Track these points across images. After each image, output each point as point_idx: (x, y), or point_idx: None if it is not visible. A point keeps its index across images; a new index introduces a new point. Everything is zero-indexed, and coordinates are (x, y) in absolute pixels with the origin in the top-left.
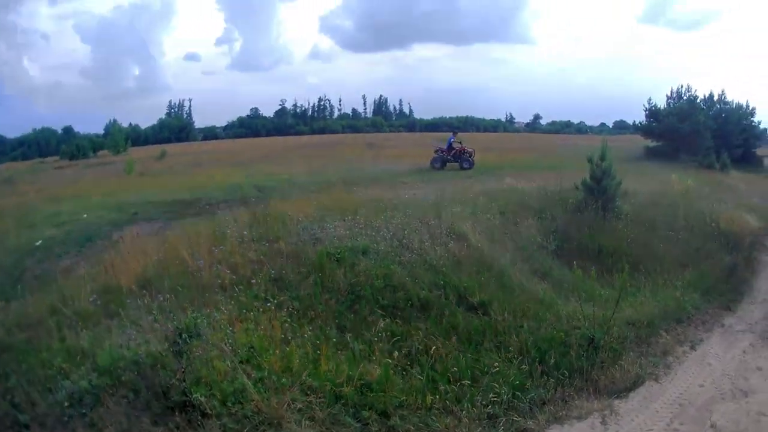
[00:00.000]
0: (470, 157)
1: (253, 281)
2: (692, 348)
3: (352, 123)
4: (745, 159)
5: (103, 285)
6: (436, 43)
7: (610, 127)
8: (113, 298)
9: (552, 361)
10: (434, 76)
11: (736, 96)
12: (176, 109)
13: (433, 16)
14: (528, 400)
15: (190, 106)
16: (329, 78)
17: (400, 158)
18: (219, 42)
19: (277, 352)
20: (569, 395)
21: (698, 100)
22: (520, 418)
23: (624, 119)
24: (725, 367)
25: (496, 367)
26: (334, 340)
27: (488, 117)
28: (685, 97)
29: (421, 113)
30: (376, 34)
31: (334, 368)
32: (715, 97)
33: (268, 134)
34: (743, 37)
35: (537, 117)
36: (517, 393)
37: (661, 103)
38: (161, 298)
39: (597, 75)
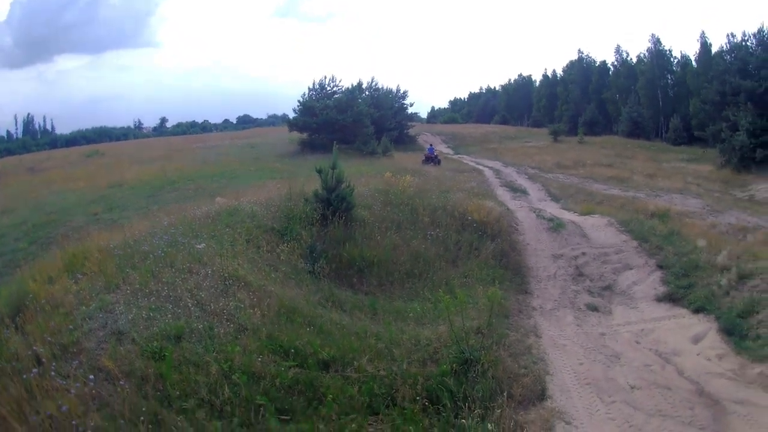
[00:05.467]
0: (437, 158)
1: None
2: (538, 336)
3: (7, 146)
4: (401, 140)
5: None
6: (74, 54)
7: (234, 123)
8: None
9: (449, 394)
10: (72, 89)
11: (386, 81)
12: None
13: (74, 26)
14: None
15: None
16: None
17: (69, 182)
18: None
19: None
20: (509, 417)
21: (352, 89)
22: None
23: (248, 113)
24: (579, 342)
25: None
26: None
27: (119, 125)
28: (330, 88)
29: (62, 128)
30: (27, 48)
31: None
32: (364, 85)
33: None
34: (375, 25)
35: (164, 120)
36: None
37: (297, 95)
38: None
39: (221, 72)
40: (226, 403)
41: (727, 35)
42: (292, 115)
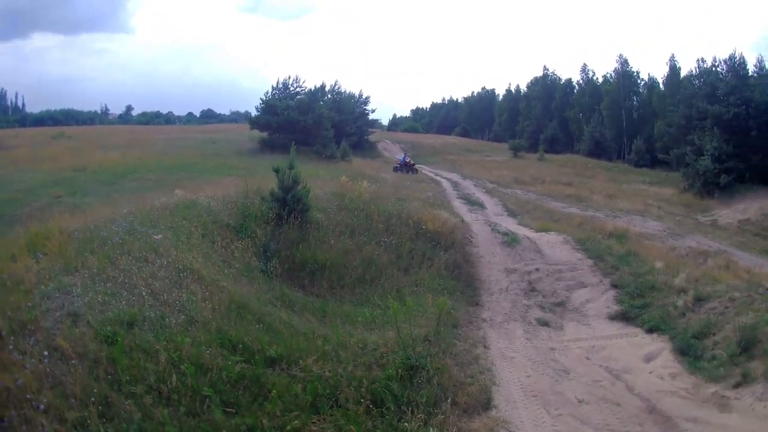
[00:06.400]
0: (414, 166)
1: None
2: (486, 347)
3: None
4: (360, 146)
5: None
6: (51, 33)
7: (197, 116)
8: None
9: (393, 398)
10: (46, 67)
11: (349, 85)
12: None
13: (54, 3)
14: None
15: None
16: None
17: (36, 162)
18: None
19: None
20: (452, 423)
21: (314, 92)
22: None
23: (212, 108)
24: (527, 355)
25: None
26: None
27: (86, 109)
28: (293, 88)
29: (32, 106)
30: (6, 21)
31: None
32: (327, 87)
33: None
34: (342, 27)
35: (129, 108)
36: None
37: (260, 93)
38: None
39: (188, 65)
40: (173, 391)
41: (697, 60)
42: (254, 113)
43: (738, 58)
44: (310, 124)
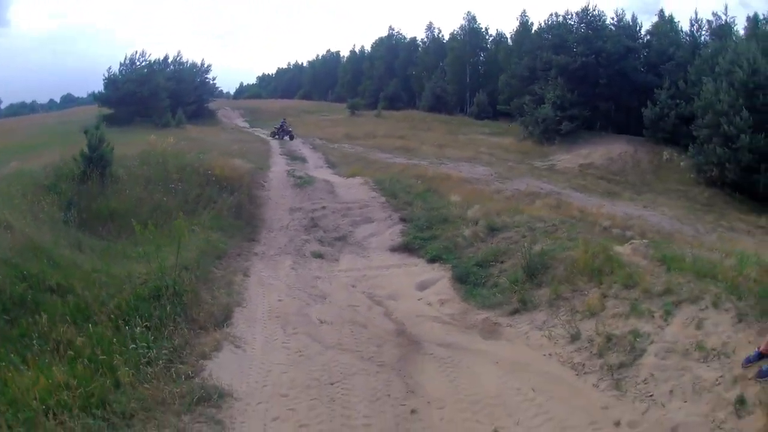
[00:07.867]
0: (292, 132)
1: None
2: (245, 275)
3: None
4: (200, 114)
5: None
6: None
7: (58, 102)
8: None
9: (137, 314)
10: None
11: (191, 55)
12: None
13: None
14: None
15: None
16: None
17: None
18: None
19: None
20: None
21: (153, 63)
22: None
23: (71, 93)
24: (288, 283)
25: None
26: None
27: None
28: (139, 63)
29: None
30: None
31: None
32: (170, 59)
33: None
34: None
35: None
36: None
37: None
38: None
39: (55, 51)
40: None
41: (550, 14)
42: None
43: (593, 10)
44: (146, 95)
